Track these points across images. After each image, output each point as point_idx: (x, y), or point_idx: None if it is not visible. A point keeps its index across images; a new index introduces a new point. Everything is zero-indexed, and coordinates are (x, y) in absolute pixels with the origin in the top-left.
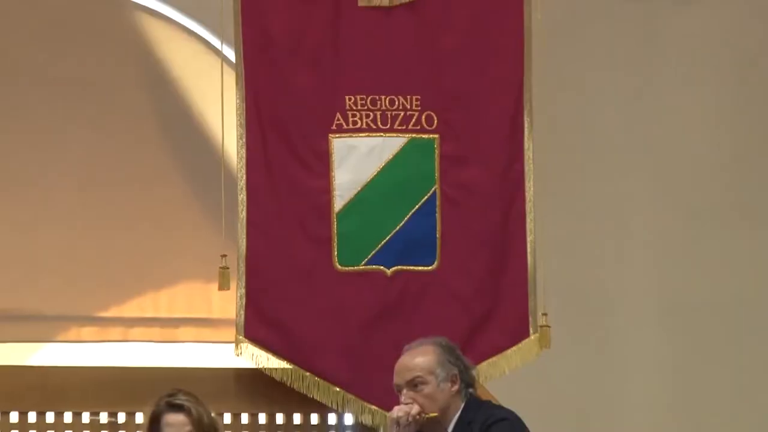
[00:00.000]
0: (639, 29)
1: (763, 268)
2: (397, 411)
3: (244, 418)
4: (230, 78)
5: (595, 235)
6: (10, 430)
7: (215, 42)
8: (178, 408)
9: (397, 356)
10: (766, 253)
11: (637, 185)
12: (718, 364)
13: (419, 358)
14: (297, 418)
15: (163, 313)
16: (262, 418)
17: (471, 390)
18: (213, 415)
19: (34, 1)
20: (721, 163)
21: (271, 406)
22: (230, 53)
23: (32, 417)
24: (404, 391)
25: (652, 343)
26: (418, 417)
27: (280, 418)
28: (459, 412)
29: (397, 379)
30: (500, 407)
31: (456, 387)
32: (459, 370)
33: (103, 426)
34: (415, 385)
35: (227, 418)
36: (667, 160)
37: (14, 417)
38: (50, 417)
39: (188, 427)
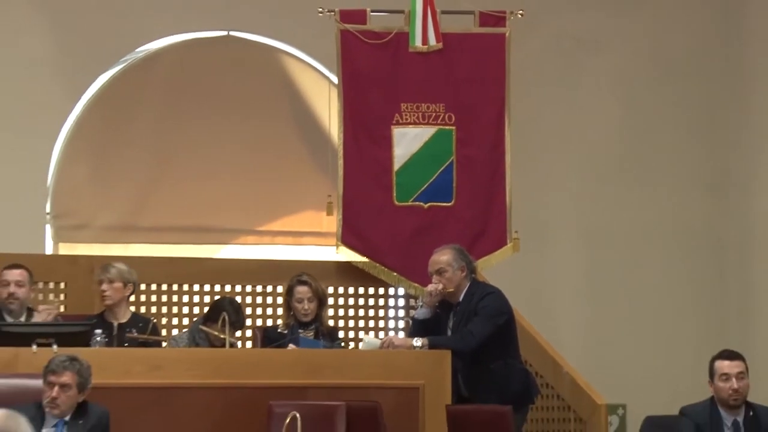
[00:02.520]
0: (567, 65)
1: (639, 208)
2: (430, 287)
3: (340, 290)
4: (334, 93)
5: (544, 187)
6: (205, 294)
7: (326, 72)
8: (304, 282)
9: (430, 255)
10: (643, 199)
11: (567, 158)
12: (617, 266)
13: (443, 256)
14: (371, 290)
15: (294, 228)
16: (351, 290)
17: (473, 275)
18: (323, 287)
19: (217, 49)
20: (616, 143)
21: (355, 283)
22: (334, 78)
23: (217, 287)
24: (434, 275)
25: (574, 251)
26: (441, 290)
27: (361, 290)
28: (466, 288)
29: (430, 269)
30: (490, 285)
31: (464, 273)
32: (466, 263)
33: (259, 293)
34: (440, 272)
35: (330, 289)
36: (584, 143)
37: (207, 287)
38: (227, 287)
39: (310, 294)
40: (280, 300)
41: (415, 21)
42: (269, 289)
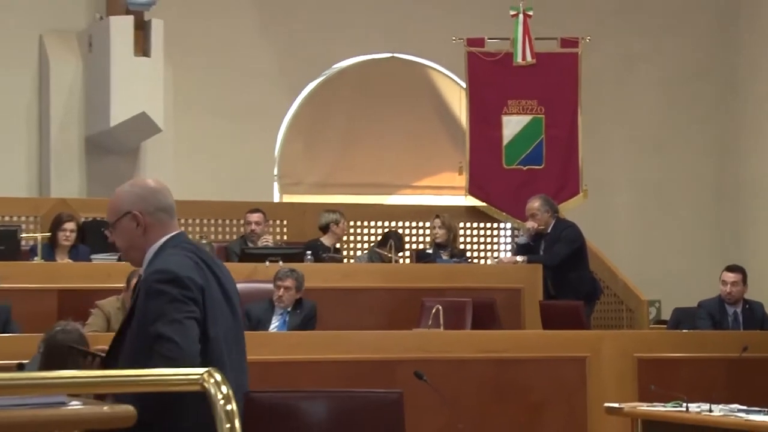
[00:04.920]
0: (621, 72)
1: (669, 168)
2: (527, 224)
3: (468, 224)
4: (463, 93)
5: (604, 155)
6: (378, 228)
7: (457, 79)
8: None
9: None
10: (671, 162)
11: (620, 135)
12: (653, 206)
13: (534, 203)
14: (488, 224)
15: (436, 184)
16: (475, 224)
17: (557, 214)
18: (453, 221)
19: (384, 65)
20: (654, 125)
21: (478, 219)
22: (463, 84)
23: (386, 223)
24: (529, 217)
25: (625, 197)
26: (536, 227)
27: (481, 224)
28: (552, 223)
29: (527, 213)
30: (569, 221)
31: (549, 214)
32: (550, 207)
33: (414, 226)
34: (533, 215)
35: (461, 224)
36: (632, 125)
37: (379, 223)
38: (393, 223)
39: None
40: (428, 231)
41: (517, 44)
42: (420, 224)
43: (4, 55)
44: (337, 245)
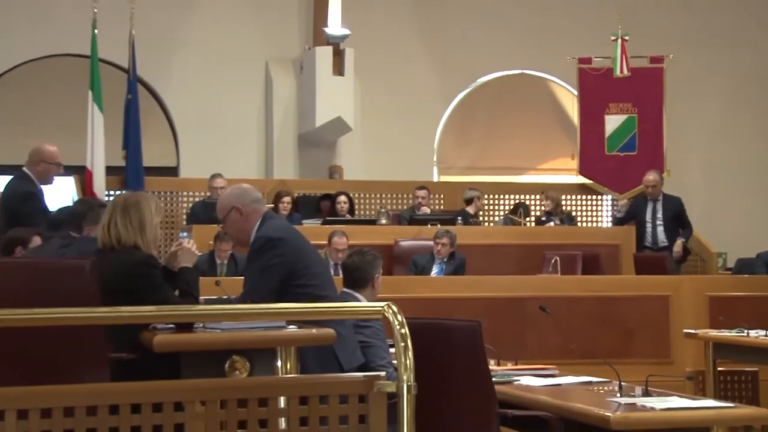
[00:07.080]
0: (695, 81)
1: (733, 151)
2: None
3: (577, 197)
4: (575, 99)
5: (683, 143)
6: (510, 200)
7: (570, 89)
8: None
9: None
10: (735, 148)
11: (696, 127)
12: (722, 182)
13: (655, 176)
14: (594, 197)
15: (554, 167)
16: (582, 197)
17: None
18: (556, 194)
19: (516, 80)
20: (723, 121)
21: (586, 193)
22: (575, 92)
23: (517, 196)
24: (649, 187)
25: (698, 174)
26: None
27: (588, 197)
28: (662, 193)
29: (646, 183)
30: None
31: (661, 185)
32: (662, 180)
33: (536, 198)
34: (654, 186)
35: (572, 196)
36: (706, 120)
37: (511, 197)
38: (522, 197)
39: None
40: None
41: (616, 61)
42: (539, 196)
43: (240, 76)
44: (480, 213)
